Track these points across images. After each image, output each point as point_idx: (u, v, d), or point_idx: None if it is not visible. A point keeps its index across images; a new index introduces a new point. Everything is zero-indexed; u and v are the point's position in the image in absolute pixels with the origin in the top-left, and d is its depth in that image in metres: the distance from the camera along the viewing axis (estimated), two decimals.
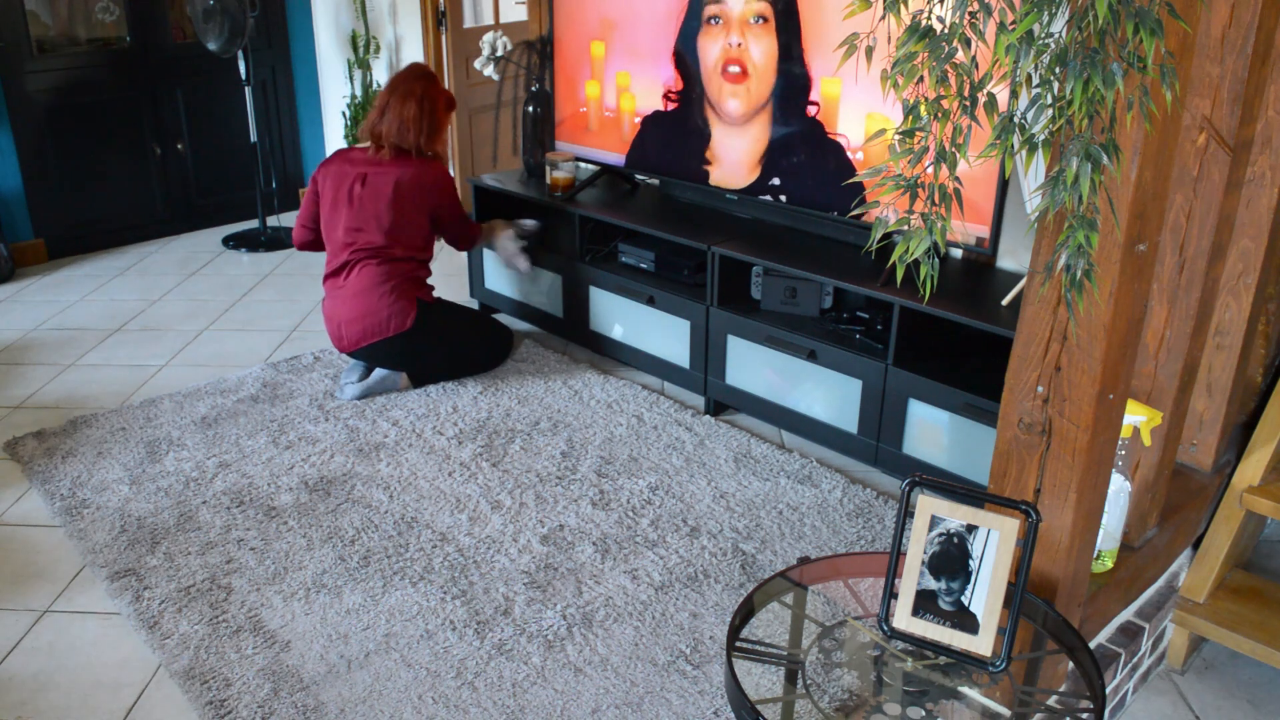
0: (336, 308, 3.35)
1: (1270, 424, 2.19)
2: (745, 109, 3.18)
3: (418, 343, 3.34)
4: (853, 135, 2.95)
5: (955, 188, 1.35)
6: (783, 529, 2.66)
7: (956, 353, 2.84)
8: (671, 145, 3.45)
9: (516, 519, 2.70)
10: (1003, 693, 1.56)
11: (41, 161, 4.68)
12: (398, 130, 3.31)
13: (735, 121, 3.23)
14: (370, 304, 3.28)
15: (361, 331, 3.30)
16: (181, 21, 5.00)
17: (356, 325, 3.30)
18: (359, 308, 3.29)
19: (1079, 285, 1.35)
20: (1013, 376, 1.61)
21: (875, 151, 2.92)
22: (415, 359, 3.40)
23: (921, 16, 1.24)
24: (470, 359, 3.52)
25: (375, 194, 3.30)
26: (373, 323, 3.29)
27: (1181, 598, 2.23)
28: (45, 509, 2.78)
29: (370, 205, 3.30)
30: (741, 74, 3.16)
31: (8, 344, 3.88)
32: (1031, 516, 1.48)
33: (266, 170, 5.24)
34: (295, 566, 2.50)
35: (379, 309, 3.28)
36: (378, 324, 3.28)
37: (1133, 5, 1.17)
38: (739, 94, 3.18)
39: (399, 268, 3.33)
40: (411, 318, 3.29)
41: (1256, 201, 1.99)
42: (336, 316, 3.34)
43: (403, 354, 3.36)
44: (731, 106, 3.21)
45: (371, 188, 3.30)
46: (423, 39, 4.79)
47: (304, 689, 2.11)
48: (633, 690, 2.11)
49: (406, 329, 3.29)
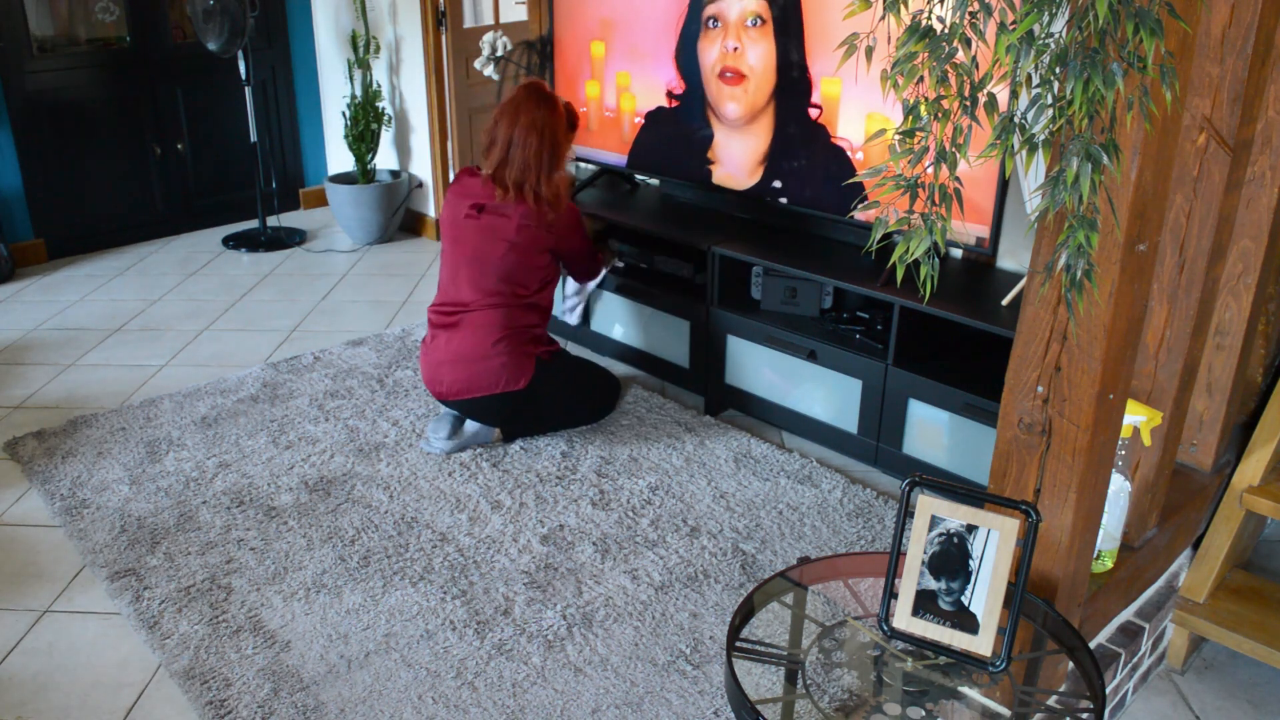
0: (440, 350, 3.00)
1: (1270, 424, 2.19)
2: (745, 112, 3.18)
3: (525, 401, 3.00)
4: (853, 136, 2.95)
5: (955, 188, 1.35)
6: (783, 529, 2.66)
7: (956, 353, 2.84)
8: (673, 145, 3.45)
9: (516, 519, 2.70)
10: (1003, 693, 1.56)
11: (41, 161, 4.68)
12: (520, 169, 2.94)
13: (736, 124, 3.23)
14: (482, 353, 2.94)
15: (467, 382, 2.95)
16: (181, 21, 5.00)
17: (461, 374, 2.95)
18: (468, 354, 2.95)
19: (1079, 285, 1.35)
20: (1013, 376, 1.61)
21: (875, 152, 2.92)
22: (517, 417, 3.07)
23: (921, 16, 1.24)
24: (574, 416, 3.17)
25: (492, 234, 2.97)
26: (481, 376, 2.94)
27: (1181, 598, 2.23)
28: (45, 509, 2.78)
29: (487, 246, 2.97)
30: (737, 78, 3.16)
31: (8, 344, 3.88)
32: (1031, 516, 1.48)
33: (266, 170, 5.24)
34: (295, 566, 2.50)
35: (490, 362, 2.93)
36: (487, 378, 2.94)
37: (1133, 5, 1.17)
38: (737, 97, 3.18)
39: (515, 316, 2.98)
40: (526, 379, 2.96)
41: (1256, 201, 1.99)
42: (438, 359, 3.00)
43: (505, 411, 3.03)
44: (731, 110, 3.21)
45: (488, 226, 2.97)
46: (423, 39, 4.79)
47: (304, 689, 2.11)
48: (633, 690, 2.11)
49: (518, 389, 2.96)
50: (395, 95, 5.09)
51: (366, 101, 4.87)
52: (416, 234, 5.24)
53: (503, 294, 2.97)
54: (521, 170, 2.93)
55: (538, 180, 2.94)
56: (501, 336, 2.95)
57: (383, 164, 5.25)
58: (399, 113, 5.11)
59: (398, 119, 5.13)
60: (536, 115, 2.93)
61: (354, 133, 4.88)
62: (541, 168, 2.94)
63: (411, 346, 3.77)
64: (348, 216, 5.00)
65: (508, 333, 2.96)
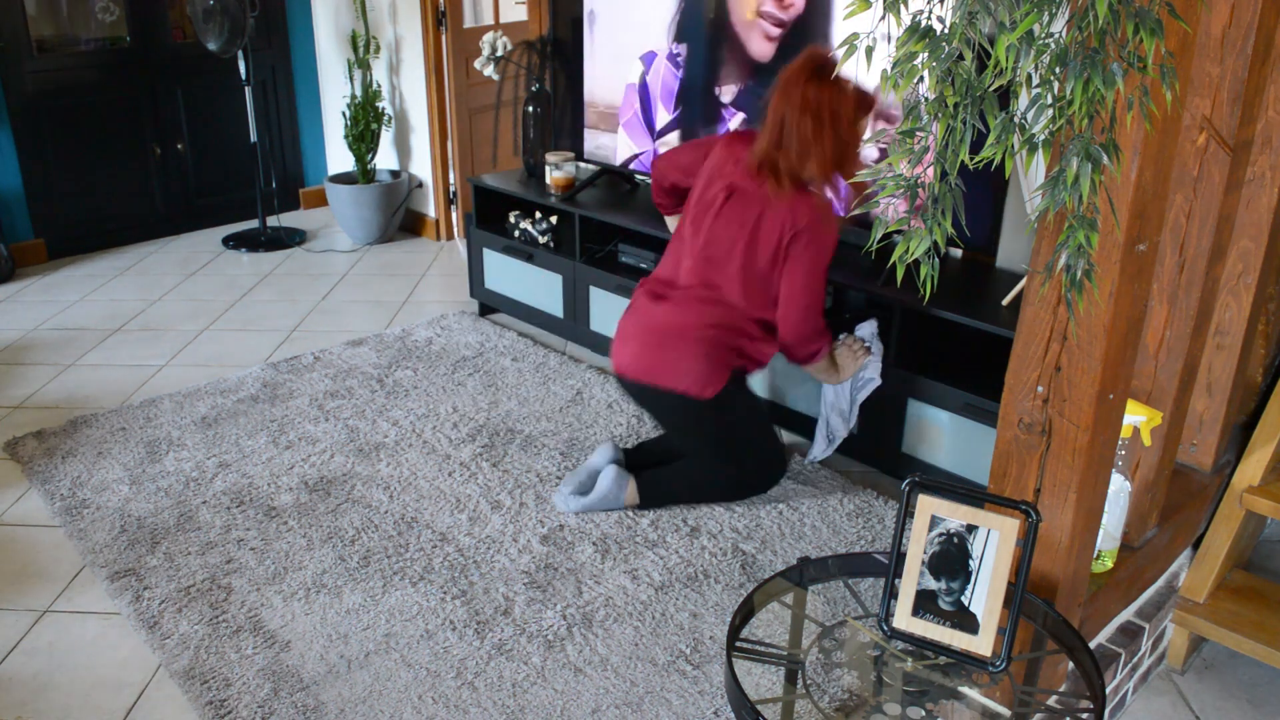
0: (638, 322, 2.63)
1: (1270, 424, 2.19)
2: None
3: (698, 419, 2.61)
4: None
5: (956, 185, 1.34)
6: (783, 529, 2.66)
7: (956, 353, 2.84)
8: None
9: (516, 519, 2.70)
10: (1003, 693, 1.56)
11: (41, 161, 4.68)
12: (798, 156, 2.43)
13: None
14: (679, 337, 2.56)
15: (649, 364, 2.58)
16: (181, 21, 5.00)
17: (647, 355, 2.58)
18: (665, 334, 2.57)
19: (1079, 285, 1.35)
20: (1013, 376, 1.61)
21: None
22: (684, 436, 2.72)
23: (921, 16, 1.24)
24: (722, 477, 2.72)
25: (741, 222, 2.52)
26: (664, 364, 2.56)
27: (1181, 598, 2.23)
28: (45, 509, 2.78)
29: (733, 231, 2.54)
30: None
31: (8, 344, 3.88)
32: (1031, 516, 1.48)
33: (266, 170, 5.24)
34: (295, 566, 2.50)
35: (682, 352, 2.54)
36: (668, 367, 2.56)
37: (1133, 5, 1.17)
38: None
39: (733, 315, 2.57)
40: (715, 388, 2.55)
41: (1256, 201, 1.99)
42: (631, 332, 2.64)
43: (675, 421, 2.68)
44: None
45: (739, 209, 2.53)
46: (423, 39, 4.79)
47: (304, 689, 2.11)
48: (633, 690, 2.11)
49: (703, 396, 2.55)
50: (395, 95, 5.09)
51: (366, 101, 4.87)
52: (416, 234, 5.24)
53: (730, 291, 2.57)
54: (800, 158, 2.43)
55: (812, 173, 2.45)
56: (708, 336, 2.54)
57: (383, 164, 5.26)
58: (399, 113, 5.11)
59: (398, 119, 5.13)
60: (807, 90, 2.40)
61: (354, 133, 4.88)
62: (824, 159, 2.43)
63: (411, 346, 3.77)
64: (348, 216, 5.00)
65: (717, 334, 2.55)
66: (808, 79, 2.40)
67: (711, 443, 2.69)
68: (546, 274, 3.77)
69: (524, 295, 3.91)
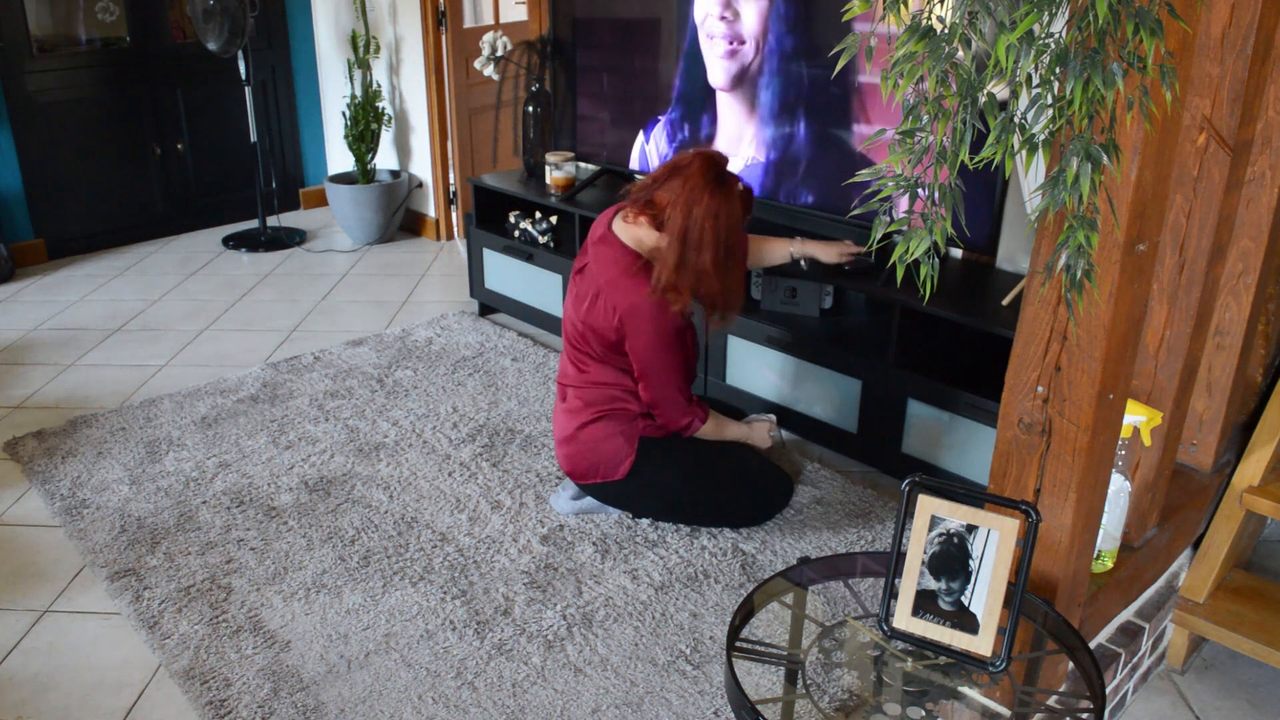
0: (555, 426, 2.66)
1: (1270, 424, 2.19)
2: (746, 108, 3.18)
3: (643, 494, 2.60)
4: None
5: (955, 185, 1.34)
6: (783, 529, 2.66)
7: (956, 353, 2.84)
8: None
9: (516, 519, 2.70)
10: (1003, 693, 1.56)
11: (41, 161, 4.68)
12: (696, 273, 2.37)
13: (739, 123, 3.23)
14: (572, 440, 2.58)
15: (573, 468, 2.61)
16: (181, 21, 5.00)
17: (569, 460, 2.62)
18: (565, 440, 2.61)
19: (1079, 285, 1.35)
20: (1013, 376, 1.61)
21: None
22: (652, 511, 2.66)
23: (921, 16, 1.24)
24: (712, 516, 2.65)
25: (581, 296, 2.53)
26: (581, 465, 2.59)
27: (1181, 598, 2.23)
28: (45, 509, 2.78)
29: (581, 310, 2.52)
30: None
31: (8, 344, 3.88)
32: (1031, 516, 1.48)
33: (266, 170, 5.24)
34: (295, 566, 2.50)
35: (584, 450, 2.56)
36: (584, 468, 2.58)
37: (1133, 5, 1.17)
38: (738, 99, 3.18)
39: (610, 393, 2.55)
40: (625, 465, 2.53)
41: (1256, 201, 1.99)
42: (555, 436, 2.66)
43: (630, 503, 2.65)
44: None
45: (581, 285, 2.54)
46: (423, 39, 4.79)
47: (304, 689, 2.11)
48: (633, 690, 2.11)
49: (616, 478, 2.56)
50: (395, 95, 5.09)
51: (366, 101, 4.87)
52: (416, 234, 5.24)
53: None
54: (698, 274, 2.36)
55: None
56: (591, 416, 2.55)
57: (383, 164, 5.25)
58: (399, 113, 5.11)
59: (398, 119, 5.13)
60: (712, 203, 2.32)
61: (354, 133, 4.88)
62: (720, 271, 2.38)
63: (411, 346, 3.77)
64: (348, 216, 5.00)
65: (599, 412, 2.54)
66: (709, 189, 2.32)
67: (672, 503, 2.61)
68: (546, 274, 3.77)
69: (524, 295, 3.91)
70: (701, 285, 2.38)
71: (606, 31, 3.61)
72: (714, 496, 2.61)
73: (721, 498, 2.61)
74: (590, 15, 3.64)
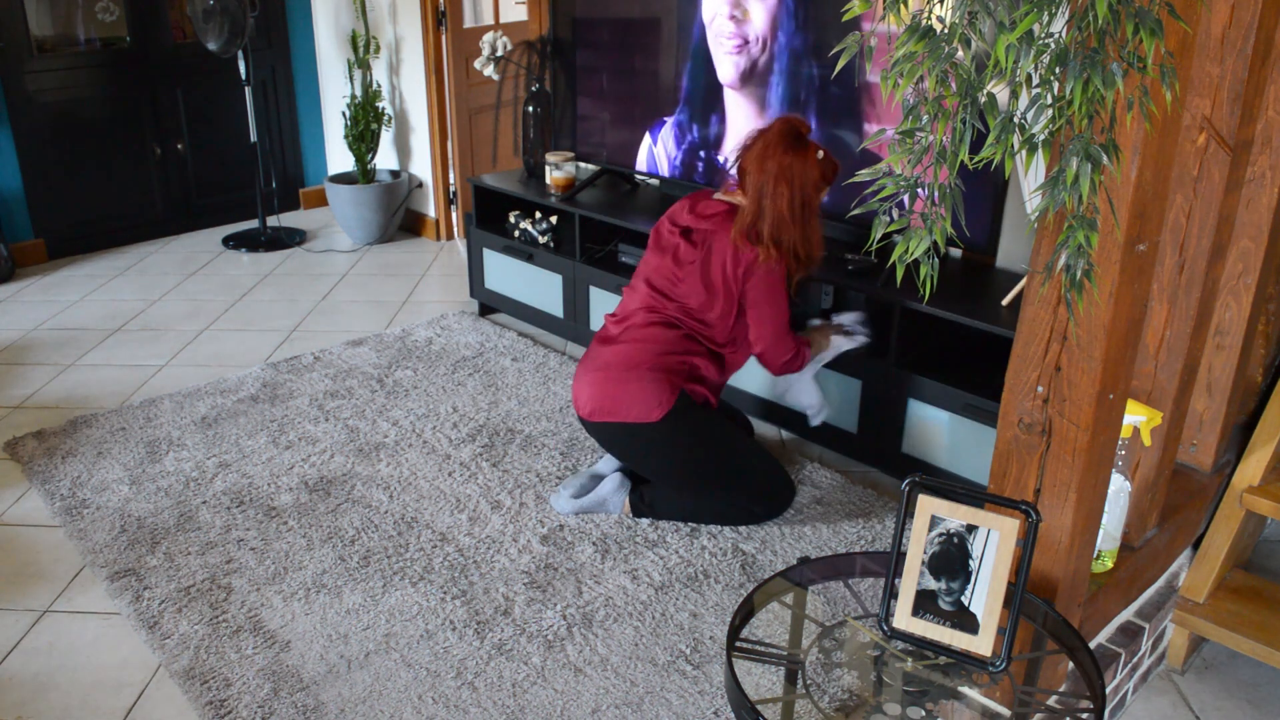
0: (590, 364, 2.67)
1: (1270, 424, 2.19)
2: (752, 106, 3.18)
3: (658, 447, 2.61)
4: None
5: (955, 185, 1.34)
6: (783, 529, 2.66)
7: (956, 353, 2.84)
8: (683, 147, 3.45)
9: (516, 519, 2.70)
10: (1003, 693, 1.56)
11: (41, 161, 4.68)
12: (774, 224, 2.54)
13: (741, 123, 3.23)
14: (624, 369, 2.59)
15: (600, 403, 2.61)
16: (181, 21, 5.00)
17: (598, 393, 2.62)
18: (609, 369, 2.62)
19: (1079, 285, 1.35)
20: (1013, 376, 1.61)
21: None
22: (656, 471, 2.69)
23: (921, 16, 1.24)
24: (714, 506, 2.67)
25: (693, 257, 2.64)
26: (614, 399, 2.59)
27: (1181, 598, 2.23)
28: (45, 509, 2.78)
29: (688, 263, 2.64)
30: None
31: (8, 344, 3.88)
32: (1031, 516, 1.48)
33: (266, 170, 5.24)
34: (295, 566, 2.50)
35: (629, 383, 2.57)
36: (618, 402, 2.58)
37: (1133, 5, 1.17)
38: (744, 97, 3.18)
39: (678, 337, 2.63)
40: (663, 409, 2.54)
41: (1256, 201, 1.99)
42: (584, 375, 2.67)
43: (639, 454, 2.66)
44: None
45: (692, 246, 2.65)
46: (423, 39, 4.79)
47: (304, 689, 2.11)
48: (633, 690, 2.11)
49: (650, 419, 2.55)
50: (395, 95, 5.09)
51: (366, 101, 4.87)
52: (416, 234, 5.24)
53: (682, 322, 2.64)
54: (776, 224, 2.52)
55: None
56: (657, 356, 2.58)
57: (383, 164, 5.25)
58: (399, 113, 5.11)
59: (398, 119, 5.13)
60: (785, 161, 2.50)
61: (354, 133, 4.88)
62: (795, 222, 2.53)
63: (411, 346, 3.77)
64: (348, 216, 5.00)
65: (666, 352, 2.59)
66: (784, 148, 2.51)
67: (684, 472, 2.64)
68: (546, 274, 3.77)
69: (524, 295, 3.91)
70: (781, 232, 2.54)
71: (607, 31, 3.61)
72: (728, 468, 2.64)
73: (733, 473, 2.65)
74: (590, 15, 3.64)
